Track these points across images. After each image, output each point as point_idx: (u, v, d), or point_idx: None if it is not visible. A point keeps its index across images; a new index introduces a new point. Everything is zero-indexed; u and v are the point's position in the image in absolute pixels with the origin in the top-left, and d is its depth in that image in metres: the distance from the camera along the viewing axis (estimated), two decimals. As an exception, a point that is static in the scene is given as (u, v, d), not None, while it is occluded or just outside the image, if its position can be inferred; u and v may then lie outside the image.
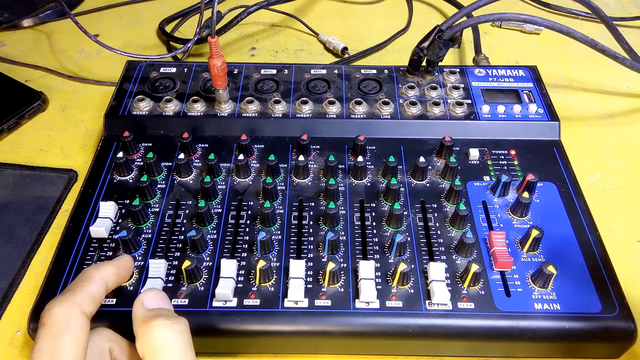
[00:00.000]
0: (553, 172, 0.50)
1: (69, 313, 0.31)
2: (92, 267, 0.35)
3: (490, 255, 0.43)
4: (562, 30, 0.52)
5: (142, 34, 0.75)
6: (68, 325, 0.30)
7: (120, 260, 0.38)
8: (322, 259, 0.43)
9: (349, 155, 0.51)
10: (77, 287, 0.33)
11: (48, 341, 0.30)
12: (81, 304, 0.32)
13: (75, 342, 0.30)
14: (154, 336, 0.30)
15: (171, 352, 0.30)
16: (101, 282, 0.34)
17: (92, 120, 0.61)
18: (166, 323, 0.31)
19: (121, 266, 0.37)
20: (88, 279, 0.34)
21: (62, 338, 0.30)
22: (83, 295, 0.32)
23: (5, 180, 0.54)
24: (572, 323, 0.39)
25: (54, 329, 0.30)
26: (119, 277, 0.37)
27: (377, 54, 0.72)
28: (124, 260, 0.38)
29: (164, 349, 0.30)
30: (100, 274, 0.35)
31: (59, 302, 0.31)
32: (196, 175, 0.49)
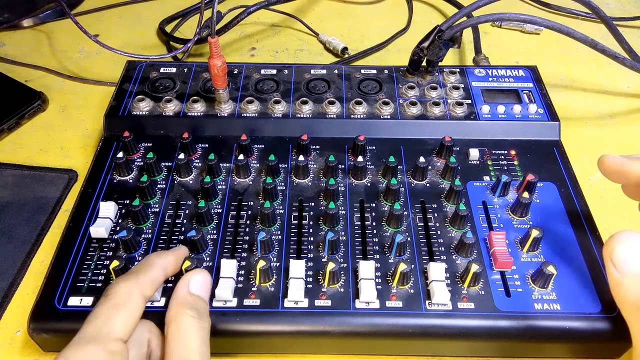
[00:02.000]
0: (553, 172, 0.50)
1: (130, 291, 0.34)
2: (155, 254, 0.38)
3: (490, 255, 0.43)
4: (562, 30, 0.52)
5: (142, 34, 0.75)
6: (127, 301, 0.33)
7: (179, 251, 0.40)
8: (322, 259, 0.43)
9: (349, 155, 0.51)
10: (141, 270, 0.36)
11: (105, 310, 0.33)
12: (142, 286, 0.35)
13: (129, 316, 0.33)
14: (182, 322, 0.34)
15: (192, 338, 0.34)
16: (162, 269, 0.37)
17: (92, 120, 0.61)
18: (195, 317, 0.35)
19: (179, 256, 0.39)
20: (151, 265, 0.37)
21: (119, 309, 0.33)
22: (145, 279, 0.35)
23: (5, 180, 0.54)
24: (572, 323, 0.39)
25: (114, 301, 0.33)
26: (177, 266, 0.39)
27: (377, 54, 0.72)
28: (182, 251, 0.40)
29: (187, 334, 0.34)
30: (162, 261, 0.37)
31: (124, 280, 0.35)
32: (196, 175, 0.49)
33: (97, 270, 0.42)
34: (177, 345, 0.33)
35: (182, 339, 0.34)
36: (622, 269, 0.33)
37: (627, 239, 0.33)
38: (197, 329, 0.34)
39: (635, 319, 0.32)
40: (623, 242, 0.33)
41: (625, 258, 0.33)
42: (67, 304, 0.40)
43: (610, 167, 0.40)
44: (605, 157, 0.40)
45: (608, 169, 0.40)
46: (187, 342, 0.34)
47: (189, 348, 0.33)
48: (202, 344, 0.34)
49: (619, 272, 0.33)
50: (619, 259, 0.33)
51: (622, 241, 0.33)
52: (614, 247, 0.33)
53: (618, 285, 0.33)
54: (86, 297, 0.40)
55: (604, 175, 0.41)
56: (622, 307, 0.34)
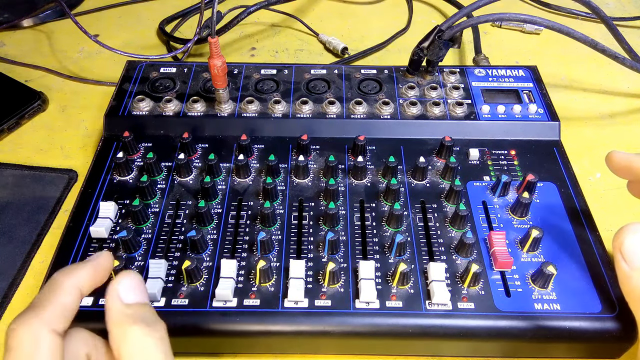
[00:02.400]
0: (553, 172, 0.50)
1: (37, 335, 0.27)
2: (62, 272, 0.30)
3: (490, 255, 0.43)
4: (562, 30, 0.52)
5: (142, 34, 0.75)
6: (37, 350, 0.27)
7: (97, 259, 0.32)
8: (322, 259, 0.43)
9: (349, 155, 0.51)
10: (44, 300, 0.29)
11: None
12: (50, 322, 0.28)
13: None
14: (134, 343, 0.28)
15: (152, 357, 0.28)
16: (74, 290, 0.30)
17: (92, 120, 0.61)
18: (146, 331, 0.28)
19: (98, 266, 0.32)
20: (58, 289, 0.29)
21: None
22: (52, 311, 0.28)
23: (5, 180, 0.54)
24: (572, 323, 0.39)
25: (21, 354, 0.27)
26: (95, 280, 0.31)
27: (377, 54, 0.72)
28: (101, 258, 0.33)
29: (144, 354, 0.28)
30: (72, 281, 0.30)
31: (23, 321, 0.27)
32: (196, 175, 0.49)
33: (97, 270, 0.42)
34: None
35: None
36: (631, 261, 0.32)
37: (637, 231, 0.32)
38: (153, 344, 0.28)
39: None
40: (633, 235, 0.32)
41: (635, 251, 0.32)
42: (67, 304, 0.40)
43: (618, 163, 0.39)
44: (613, 153, 0.40)
45: (616, 165, 0.40)
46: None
47: None
48: (165, 358, 0.28)
49: (628, 265, 0.32)
50: (628, 252, 0.32)
51: (632, 233, 0.32)
52: (624, 239, 0.32)
53: (627, 279, 0.32)
54: (86, 297, 0.40)
55: (611, 171, 0.40)
56: (630, 300, 0.33)
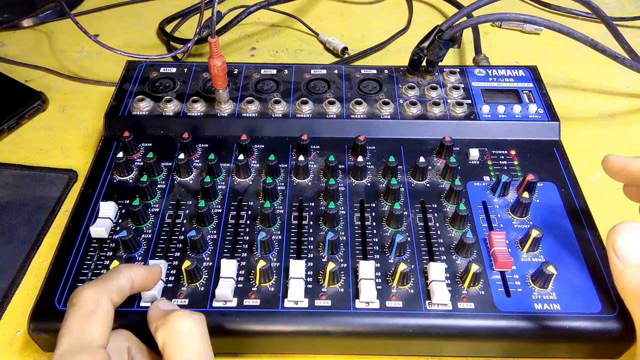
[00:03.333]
0: (553, 172, 0.50)
1: (99, 297, 0.32)
2: (124, 264, 0.38)
3: (490, 255, 0.43)
4: (562, 30, 0.52)
5: (142, 34, 0.75)
6: (97, 309, 0.32)
7: (151, 268, 0.39)
8: (322, 259, 0.43)
9: (349, 155, 0.51)
10: (107, 277, 0.35)
11: (78, 320, 0.31)
12: (110, 292, 0.33)
13: (101, 322, 0.32)
14: (175, 323, 0.32)
15: (190, 337, 0.32)
16: (129, 279, 0.36)
17: (92, 120, 0.61)
18: (185, 313, 0.33)
19: (150, 272, 0.38)
20: (118, 273, 0.35)
21: (91, 319, 0.31)
22: (112, 285, 0.34)
23: (5, 180, 0.54)
24: (572, 323, 0.39)
25: (84, 310, 0.32)
26: (145, 281, 0.37)
27: (377, 54, 0.72)
28: (155, 269, 0.39)
29: (184, 334, 0.32)
30: (130, 272, 0.36)
31: (90, 286, 0.33)
32: (196, 175, 0.49)
33: (97, 270, 0.42)
34: (177, 351, 0.31)
35: (179, 341, 0.32)
36: (624, 259, 0.32)
37: (629, 229, 0.33)
38: (192, 325, 0.32)
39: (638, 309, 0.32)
40: (626, 233, 0.33)
41: (628, 249, 0.32)
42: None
43: (614, 166, 0.40)
44: (609, 156, 0.40)
45: (612, 167, 0.40)
46: (186, 343, 0.32)
47: (189, 350, 0.31)
48: (204, 340, 0.33)
49: (621, 263, 0.33)
50: (621, 250, 0.33)
51: (625, 231, 0.33)
52: (617, 237, 0.33)
53: (621, 276, 0.33)
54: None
55: (608, 174, 0.41)
56: (625, 297, 0.33)
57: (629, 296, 0.33)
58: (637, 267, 0.32)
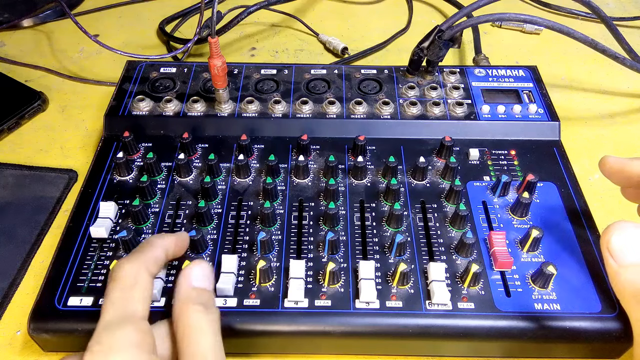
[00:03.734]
0: (553, 172, 0.50)
1: (138, 271, 0.34)
2: (155, 235, 0.39)
3: (490, 255, 0.43)
4: (562, 30, 0.52)
5: (142, 34, 0.75)
6: (137, 282, 0.33)
7: (180, 234, 0.40)
8: (322, 259, 0.43)
9: (349, 155, 0.51)
10: (143, 249, 0.36)
11: (120, 294, 0.33)
12: (147, 264, 0.35)
13: (142, 294, 0.33)
14: (191, 318, 0.33)
15: (203, 335, 0.33)
16: (163, 249, 0.37)
17: (92, 120, 0.61)
18: (203, 311, 0.34)
19: (180, 239, 0.40)
20: (152, 245, 0.37)
21: (132, 292, 0.33)
22: (149, 257, 0.35)
23: (5, 180, 0.54)
24: (572, 323, 0.39)
25: (124, 283, 0.33)
26: (177, 248, 0.39)
27: (377, 54, 0.72)
28: (183, 235, 0.41)
29: (197, 331, 0.33)
30: (163, 242, 0.38)
31: (128, 260, 0.34)
32: (196, 175, 0.49)
33: (97, 270, 0.42)
34: (189, 344, 0.32)
35: (193, 336, 0.33)
36: (619, 258, 0.33)
37: (623, 228, 0.33)
38: (206, 324, 0.33)
39: (634, 308, 0.33)
40: (619, 232, 0.33)
41: (621, 248, 0.33)
42: (67, 304, 0.40)
43: (611, 167, 0.40)
44: (606, 157, 0.40)
45: (609, 169, 0.40)
46: (199, 339, 0.33)
47: (201, 346, 0.32)
48: (214, 339, 0.33)
49: (616, 262, 0.33)
50: (615, 249, 0.33)
51: (619, 231, 0.33)
52: (611, 237, 0.33)
53: (616, 276, 0.33)
54: (86, 297, 0.40)
55: (605, 176, 0.41)
56: (620, 296, 0.34)
57: (624, 296, 0.33)
58: (632, 266, 0.32)
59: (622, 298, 0.34)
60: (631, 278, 0.32)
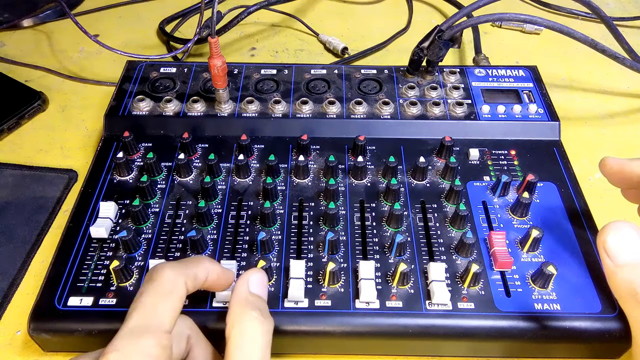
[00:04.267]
0: (553, 172, 0.50)
1: (176, 279, 0.33)
2: (205, 257, 0.38)
3: (490, 255, 0.43)
4: (562, 30, 0.52)
5: (142, 34, 0.75)
6: (174, 290, 0.32)
7: (227, 271, 0.38)
8: (322, 259, 0.43)
9: (349, 155, 0.51)
10: (188, 262, 0.35)
11: (153, 298, 0.31)
12: (187, 277, 0.33)
13: (174, 306, 0.32)
14: (246, 326, 0.32)
15: (256, 345, 0.32)
16: (206, 271, 0.35)
17: (92, 120, 0.61)
18: (260, 319, 0.33)
19: (225, 273, 0.37)
20: (198, 263, 0.35)
21: (166, 299, 0.32)
22: (191, 271, 0.34)
23: (5, 180, 0.54)
24: (572, 323, 0.39)
25: (162, 288, 0.32)
26: (218, 280, 0.37)
27: (377, 54, 0.72)
28: (229, 274, 0.38)
29: (250, 341, 0.32)
30: (209, 266, 0.36)
31: (171, 267, 0.33)
32: (196, 175, 0.49)
33: (97, 270, 0.42)
34: (240, 351, 0.32)
35: (246, 345, 0.32)
36: (615, 258, 0.33)
37: (619, 228, 0.33)
38: (261, 333, 0.33)
39: (631, 307, 0.33)
40: (615, 232, 0.33)
41: (618, 248, 0.33)
42: (67, 304, 0.40)
43: (611, 168, 0.40)
44: (606, 158, 0.41)
45: (609, 169, 0.40)
46: (251, 349, 0.32)
47: (251, 355, 0.32)
48: (266, 350, 0.32)
49: (612, 262, 0.33)
50: (611, 249, 0.33)
51: (614, 231, 0.33)
52: (607, 237, 0.33)
53: (613, 275, 0.33)
54: (86, 297, 0.40)
55: (605, 176, 0.41)
56: (617, 296, 0.34)
57: (621, 295, 0.33)
58: (628, 265, 0.33)
59: (620, 297, 0.34)
60: (627, 277, 0.32)
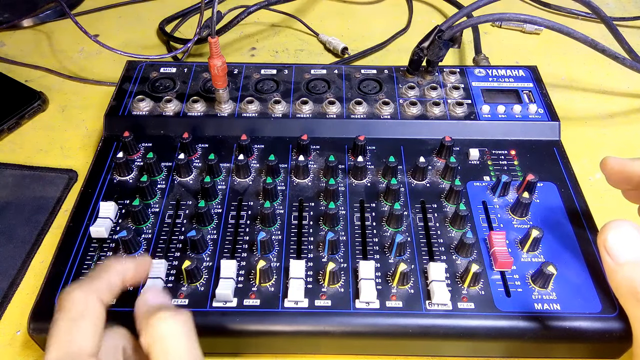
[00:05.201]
0: (553, 172, 0.50)
1: (87, 298, 0.31)
2: (113, 259, 0.35)
3: (490, 255, 0.43)
4: (562, 30, 0.52)
5: (142, 34, 0.75)
6: (86, 310, 0.31)
7: (140, 260, 0.37)
8: (322, 259, 0.43)
9: (349, 155, 0.51)
10: (96, 275, 0.33)
11: (66, 324, 0.30)
12: (99, 292, 0.32)
13: (92, 327, 0.30)
14: (157, 327, 0.31)
15: (174, 339, 0.31)
16: (119, 274, 0.34)
17: (92, 120, 0.61)
18: (168, 314, 0.31)
19: (140, 264, 0.36)
20: (107, 270, 0.34)
21: (79, 322, 0.30)
22: (101, 284, 0.33)
23: (5, 180, 0.54)
24: (572, 323, 0.39)
25: (72, 313, 0.30)
26: (136, 274, 0.36)
27: (377, 54, 0.72)
28: (144, 260, 0.37)
29: (167, 337, 0.30)
30: (119, 267, 0.35)
31: (78, 287, 0.32)
32: (196, 175, 0.49)
33: (97, 270, 0.42)
34: (163, 354, 0.30)
35: (166, 346, 0.30)
36: (615, 256, 0.33)
37: (619, 226, 0.33)
38: (176, 327, 0.31)
39: (632, 306, 0.33)
40: (615, 230, 0.33)
41: (618, 246, 0.33)
42: (67, 304, 0.40)
43: (612, 167, 0.40)
44: (607, 158, 0.41)
45: (610, 169, 0.40)
46: (172, 347, 0.30)
47: (176, 353, 0.30)
48: (189, 340, 0.31)
49: (613, 261, 0.33)
50: (612, 247, 0.33)
51: (615, 229, 0.33)
52: (607, 235, 0.33)
53: (613, 274, 0.33)
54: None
55: (605, 176, 0.41)
56: (618, 295, 0.34)
57: (622, 294, 0.33)
58: (629, 264, 0.33)
59: (620, 296, 0.34)
60: (628, 275, 0.33)
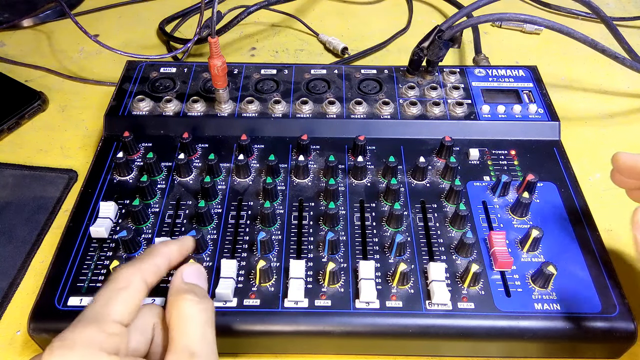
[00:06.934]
0: (553, 172, 0.50)
1: (132, 276, 0.33)
2: (161, 243, 0.38)
3: (490, 255, 0.43)
4: (562, 30, 0.52)
5: (142, 34, 0.75)
6: (128, 286, 0.33)
7: (184, 240, 0.40)
8: (322, 259, 0.43)
9: (349, 155, 0.51)
10: (144, 257, 0.36)
11: (107, 293, 0.32)
12: (144, 272, 0.34)
13: (129, 300, 0.32)
14: (182, 307, 0.33)
15: (193, 324, 0.33)
16: (166, 257, 0.36)
17: (92, 120, 0.61)
18: (194, 299, 0.34)
19: (184, 246, 0.39)
20: (155, 253, 0.36)
21: (119, 293, 0.32)
22: (148, 265, 0.35)
23: (5, 180, 0.54)
24: (572, 323, 0.39)
25: (115, 285, 0.33)
26: (181, 255, 0.38)
27: (377, 54, 0.72)
28: (187, 240, 0.40)
29: (188, 320, 0.33)
30: (165, 249, 0.37)
31: (127, 265, 0.34)
32: (196, 175, 0.49)
33: (97, 270, 0.42)
34: (179, 333, 0.32)
35: (183, 325, 0.33)
36: None
37: None
38: (197, 312, 0.33)
39: None
40: None
41: None
42: (67, 304, 0.40)
43: (625, 162, 0.40)
44: (619, 153, 0.41)
45: (622, 164, 0.40)
46: (189, 328, 0.33)
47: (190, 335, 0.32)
48: (206, 328, 0.33)
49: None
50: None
51: None
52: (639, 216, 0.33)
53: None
54: (86, 297, 0.40)
55: (617, 171, 0.41)
56: None
57: None
58: None
59: None
60: None
